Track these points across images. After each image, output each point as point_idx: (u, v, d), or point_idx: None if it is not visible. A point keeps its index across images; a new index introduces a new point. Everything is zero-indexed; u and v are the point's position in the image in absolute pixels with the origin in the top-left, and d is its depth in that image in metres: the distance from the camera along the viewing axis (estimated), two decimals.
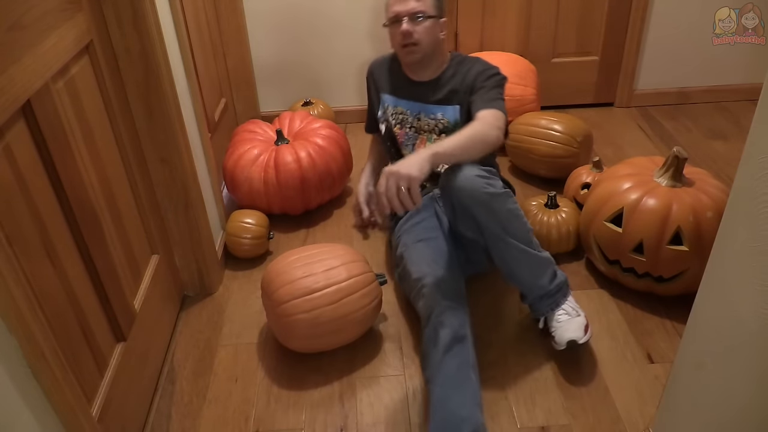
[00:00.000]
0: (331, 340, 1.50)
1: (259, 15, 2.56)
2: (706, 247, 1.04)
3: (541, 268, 1.48)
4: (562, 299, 1.51)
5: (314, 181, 2.00)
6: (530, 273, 1.48)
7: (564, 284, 1.52)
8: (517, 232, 1.42)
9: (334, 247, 1.55)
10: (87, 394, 1.11)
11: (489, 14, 2.61)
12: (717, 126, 2.63)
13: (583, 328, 1.47)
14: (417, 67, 1.69)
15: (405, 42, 1.62)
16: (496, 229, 1.40)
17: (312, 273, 1.45)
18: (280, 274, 1.47)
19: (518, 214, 1.44)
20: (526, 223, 1.47)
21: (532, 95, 2.37)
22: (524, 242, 1.44)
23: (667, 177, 1.59)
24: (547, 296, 1.50)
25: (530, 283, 1.49)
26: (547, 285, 1.49)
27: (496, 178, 1.45)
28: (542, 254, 1.49)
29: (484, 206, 1.38)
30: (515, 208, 1.43)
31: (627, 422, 1.36)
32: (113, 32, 1.36)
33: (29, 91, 0.99)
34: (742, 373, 0.93)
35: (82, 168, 1.17)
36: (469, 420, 1.27)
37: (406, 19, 1.60)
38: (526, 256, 1.44)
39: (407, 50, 1.64)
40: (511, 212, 1.42)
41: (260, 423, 1.40)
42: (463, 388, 1.32)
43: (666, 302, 1.67)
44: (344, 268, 1.48)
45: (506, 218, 1.41)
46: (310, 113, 2.45)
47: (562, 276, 1.53)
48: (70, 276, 1.10)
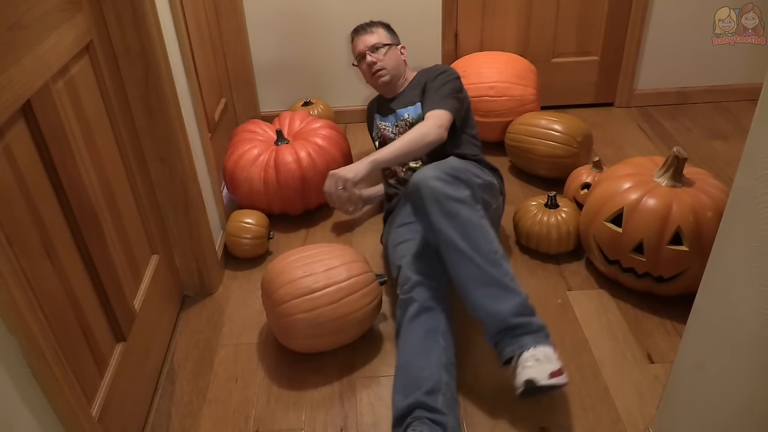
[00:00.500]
0: (331, 340, 1.50)
1: (259, 15, 2.56)
2: (706, 247, 1.04)
3: (500, 292, 1.34)
4: (530, 342, 1.30)
5: (314, 181, 2.00)
6: (484, 294, 1.34)
7: (537, 329, 1.33)
8: (476, 245, 1.35)
9: (334, 247, 1.55)
10: (87, 394, 1.11)
11: (489, 14, 2.61)
12: (717, 126, 2.63)
13: (549, 373, 1.26)
14: (389, 87, 2.00)
15: (373, 70, 1.95)
16: (450, 234, 1.36)
17: (312, 273, 1.45)
18: (280, 274, 1.47)
19: (480, 225, 1.38)
20: (493, 241, 1.38)
21: (532, 95, 2.37)
22: (484, 258, 1.35)
23: (667, 177, 1.59)
24: (508, 332, 1.32)
25: (484, 308, 1.34)
26: (508, 317, 1.32)
27: (463, 186, 1.41)
28: (509, 283, 1.35)
29: (437, 207, 1.37)
30: (478, 220, 1.38)
31: (627, 422, 1.36)
32: (113, 32, 1.36)
33: (29, 91, 0.99)
34: (742, 373, 0.93)
35: (82, 168, 1.17)
36: (430, 378, 1.29)
37: (368, 52, 1.95)
38: (481, 273, 1.34)
39: (377, 76, 1.96)
40: (471, 222, 1.37)
41: (260, 423, 1.40)
42: (428, 353, 1.35)
43: (666, 302, 1.67)
44: (344, 268, 1.48)
45: (463, 226, 1.36)
46: (310, 113, 2.45)
47: (538, 321, 1.34)
48: (70, 276, 1.10)
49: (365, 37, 1.98)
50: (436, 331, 1.39)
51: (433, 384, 1.29)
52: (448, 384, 1.31)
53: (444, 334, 1.39)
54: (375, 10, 2.56)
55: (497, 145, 2.41)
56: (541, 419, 1.37)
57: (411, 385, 1.31)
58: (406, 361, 1.37)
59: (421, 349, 1.37)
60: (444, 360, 1.34)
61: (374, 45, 1.95)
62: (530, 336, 1.32)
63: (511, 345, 1.32)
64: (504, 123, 2.35)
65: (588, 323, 1.63)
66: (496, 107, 2.33)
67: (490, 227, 1.42)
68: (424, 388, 1.28)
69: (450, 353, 1.38)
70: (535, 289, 1.76)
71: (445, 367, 1.33)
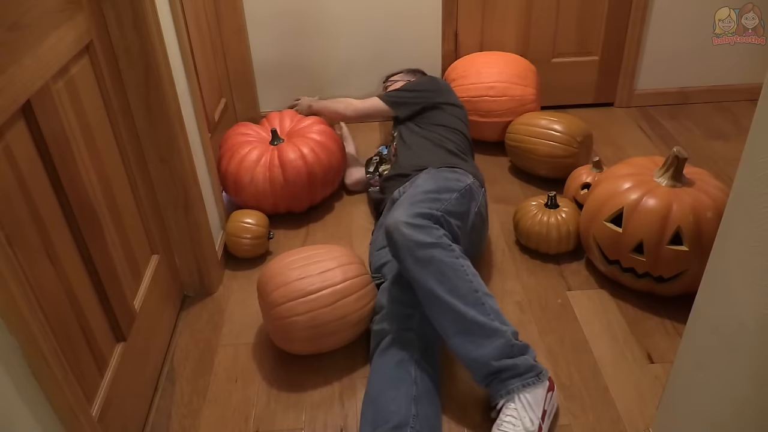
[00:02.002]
0: (327, 342, 1.49)
1: (259, 15, 2.56)
2: (706, 247, 1.04)
3: (482, 336, 1.29)
4: (517, 388, 1.27)
5: (320, 175, 2.02)
6: (465, 341, 1.30)
7: (524, 371, 1.28)
8: (454, 288, 1.31)
9: (330, 249, 1.55)
10: (87, 394, 1.11)
11: (489, 14, 2.61)
12: (717, 126, 2.63)
13: None
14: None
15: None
16: (427, 281, 1.32)
17: (307, 275, 1.45)
18: (276, 276, 1.47)
19: (455, 266, 1.33)
20: (472, 280, 1.34)
21: (532, 95, 2.37)
22: (464, 301, 1.31)
23: (667, 177, 1.59)
24: (495, 376, 1.29)
25: (466, 354, 1.31)
26: (490, 360, 1.28)
27: (435, 227, 1.37)
28: (491, 323, 1.30)
29: (410, 256, 1.33)
30: (453, 260, 1.34)
31: (627, 422, 1.36)
32: (113, 32, 1.36)
33: (29, 91, 0.99)
34: (741, 373, 0.93)
35: (82, 168, 1.17)
36: (398, 413, 1.25)
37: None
38: (461, 318, 1.30)
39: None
40: (446, 264, 1.32)
41: (260, 423, 1.40)
42: (398, 385, 1.31)
43: (666, 302, 1.67)
44: (340, 270, 1.47)
45: (439, 271, 1.32)
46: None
47: (526, 361, 1.29)
48: (70, 276, 1.10)
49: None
50: (408, 361, 1.34)
51: (400, 419, 1.25)
52: (418, 417, 1.26)
53: (418, 363, 1.34)
54: (375, 10, 2.56)
55: (497, 145, 2.41)
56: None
57: (379, 419, 1.27)
58: (375, 394, 1.32)
59: (390, 381, 1.32)
60: (414, 392, 1.29)
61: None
62: (518, 380, 1.28)
63: (499, 389, 1.29)
64: (504, 123, 2.35)
65: (588, 323, 1.63)
66: (496, 107, 2.33)
67: (469, 266, 1.37)
68: (392, 423, 1.24)
69: (426, 382, 1.32)
70: (535, 289, 1.76)
71: (416, 400, 1.28)
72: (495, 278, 1.80)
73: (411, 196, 1.50)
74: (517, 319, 1.65)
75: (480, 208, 1.69)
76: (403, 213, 1.39)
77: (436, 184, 1.57)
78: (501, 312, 1.35)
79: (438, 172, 1.71)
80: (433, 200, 1.49)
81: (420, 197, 1.48)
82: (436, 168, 1.75)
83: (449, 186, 1.59)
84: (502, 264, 1.86)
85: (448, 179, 1.64)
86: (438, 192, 1.54)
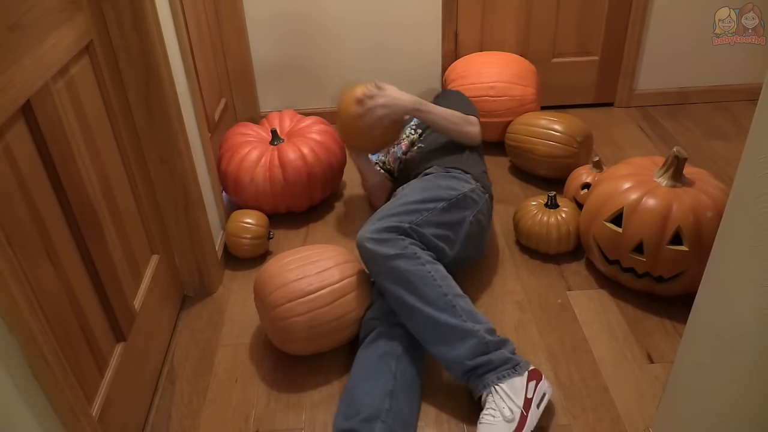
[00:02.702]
0: (328, 341, 1.49)
1: (259, 15, 2.56)
2: (706, 248, 1.04)
3: (455, 338, 1.34)
4: (492, 381, 1.31)
5: (320, 175, 2.03)
6: (440, 344, 1.35)
7: (499, 364, 1.32)
8: (423, 295, 1.36)
9: (326, 248, 1.55)
10: (87, 394, 1.11)
11: (489, 14, 2.61)
12: (717, 126, 2.63)
13: None
14: None
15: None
16: (395, 291, 1.38)
17: (306, 275, 1.45)
18: (274, 278, 1.47)
19: (421, 273, 1.38)
20: (441, 285, 1.38)
21: (532, 95, 2.37)
22: (434, 306, 1.35)
23: (667, 177, 1.59)
24: (472, 373, 1.33)
25: (443, 357, 1.36)
26: (464, 360, 1.32)
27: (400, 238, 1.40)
28: (462, 324, 1.34)
29: (376, 268, 1.41)
30: (418, 268, 1.38)
31: (627, 422, 1.36)
32: (113, 32, 1.36)
33: (29, 91, 0.99)
34: (742, 373, 0.93)
35: (82, 168, 1.17)
36: (371, 405, 1.28)
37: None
38: (434, 323, 1.35)
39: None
40: (411, 273, 1.37)
41: (260, 423, 1.40)
42: (376, 378, 1.34)
43: (666, 302, 1.67)
44: (337, 269, 1.48)
45: (405, 280, 1.37)
46: None
47: (500, 355, 1.33)
48: (70, 276, 1.10)
49: None
50: (390, 355, 1.37)
51: (371, 412, 1.27)
52: (390, 411, 1.28)
53: (400, 358, 1.37)
54: (375, 10, 2.56)
55: (497, 145, 2.41)
56: (540, 419, 1.36)
57: (351, 410, 1.30)
58: (353, 385, 1.35)
59: (369, 373, 1.36)
60: (392, 386, 1.32)
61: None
62: (493, 373, 1.32)
63: (477, 384, 1.33)
64: (504, 123, 2.35)
65: (588, 323, 1.63)
66: (496, 107, 2.33)
67: (437, 270, 1.41)
68: (363, 414, 1.27)
69: (405, 378, 1.35)
70: (535, 289, 1.76)
71: (392, 395, 1.31)
72: (495, 278, 1.80)
73: (386, 209, 1.53)
74: (517, 319, 1.65)
75: (478, 215, 1.67)
76: (369, 229, 1.44)
77: (422, 195, 1.58)
78: (474, 310, 1.39)
79: (436, 177, 1.71)
80: (409, 212, 1.50)
81: (395, 209, 1.51)
82: (442, 169, 1.76)
83: (438, 195, 1.59)
84: (502, 264, 1.86)
85: (440, 187, 1.64)
86: (421, 202, 1.54)
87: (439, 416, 1.39)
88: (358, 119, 1.77)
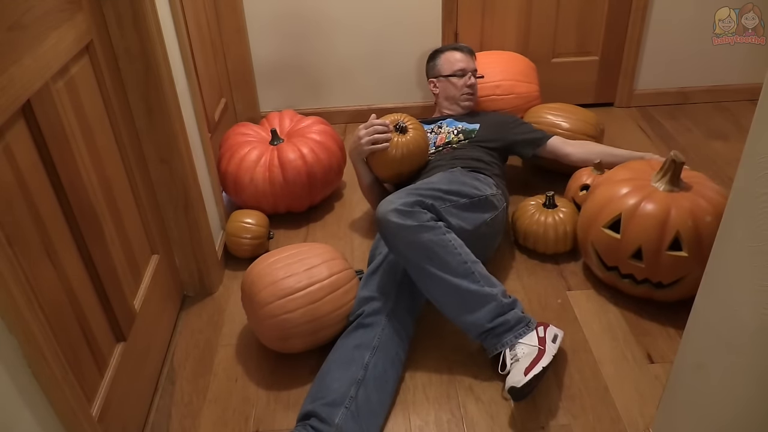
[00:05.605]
0: (319, 337, 1.49)
1: (259, 15, 2.56)
2: (706, 253, 1.03)
3: (474, 303, 1.41)
4: (509, 340, 1.40)
5: (320, 175, 2.03)
6: (460, 310, 1.43)
7: (515, 324, 1.41)
8: (444, 263, 1.41)
9: (313, 246, 1.56)
10: (87, 394, 1.11)
11: (489, 14, 2.61)
12: (717, 126, 2.63)
13: (524, 370, 1.31)
14: (461, 108, 2.18)
15: (470, 92, 2.16)
16: (417, 261, 1.42)
17: (294, 273, 1.45)
18: (262, 276, 1.47)
19: (443, 242, 1.42)
20: (460, 253, 1.43)
21: (536, 92, 2.38)
22: (454, 273, 1.41)
23: (665, 182, 1.57)
24: (489, 333, 1.42)
25: (463, 321, 1.44)
26: (484, 323, 1.41)
27: (423, 211, 1.43)
28: (482, 289, 1.42)
29: (399, 241, 1.43)
30: (440, 237, 1.42)
31: (627, 422, 1.36)
32: (113, 32, 1.36)
33: (29, 91, 1.00)
34: (742, 373, 0.93)
35: (82, 168, 1.17)
36: (337, 391, 1.31)
37: (473, 74, 2.17)
38: (454, 289, 1.41)
39: (466, 97, 2.17)
40: (434, 242, 1.41)
41: (260, 423, 1.40)
42: (347, 366, 1.37)
43: (665, 307, 1.67)
44: (325, 266, 1.48)
45: (427, 249, 1.41)
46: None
47: (515, 315, 1.43)
48: (70, 276, 1.10)
49: (470, 60, 2.19)
50: (366, 347, 1.40)
51: (336, 397, 1.30)
52: (355, 399, 1.31)
53: (375, 350, 1.40)
54: (375, 10, 2.56)
55: None
56: (540, 419, 1.37)
57: (318, 394, 1.34)
58: (325, 371, 1.39)
59: (342, 362, 1.39)
60: (360, 376, 1.34)
61: (476, 71, 2.18)
62: (510, 333, 1.41)
63: (494, 343, 1.42)
64: None
65: (588, 323, 1.63)
66: (504, 105, 2.32)
67: (455, 238, 1.45)
68: (327, 399, 1.30)
69: (378, 370, 1.38)
70: (535, 289, 1.76)
71: (360, 384, 1.33)
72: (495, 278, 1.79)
73: (412, 188, 1.54)
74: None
75: (494, 220, 1.69)
76: (393, 202, 1.45)
77: (448, 186, 1.60)
78: (488, 274, 1.47)
79: (462, 174, 1.73)
80: (434, 197, 1.52)
81: (421, 190, 1.52)
82: (467, 169, 1.79)
83: (462, 191, 1.61)
84: (502, 264, 1.86)
85: (465, 184, 1.66)
86: (446, 193, 1.57)
87: (439, 416, 1.39)
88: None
